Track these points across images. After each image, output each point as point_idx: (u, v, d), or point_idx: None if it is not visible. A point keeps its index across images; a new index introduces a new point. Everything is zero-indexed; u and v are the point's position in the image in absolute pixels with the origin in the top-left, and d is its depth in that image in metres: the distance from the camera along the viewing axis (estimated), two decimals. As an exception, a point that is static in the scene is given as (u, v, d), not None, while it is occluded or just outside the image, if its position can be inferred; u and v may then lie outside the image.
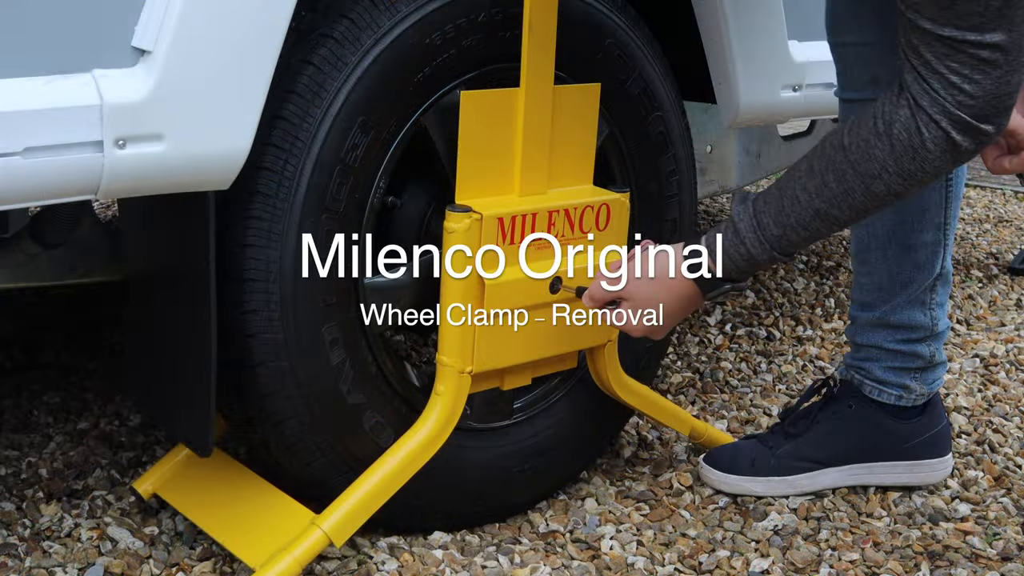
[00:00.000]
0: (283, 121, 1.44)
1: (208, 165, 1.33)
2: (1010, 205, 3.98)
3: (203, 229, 1.40)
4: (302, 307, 1.48)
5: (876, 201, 1.43)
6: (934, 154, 1.38)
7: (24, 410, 2.06)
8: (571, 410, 1.78)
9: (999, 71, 1.32)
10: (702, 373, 2.33)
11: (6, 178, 1.19)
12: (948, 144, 1.37)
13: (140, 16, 1.26)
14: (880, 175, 1.41)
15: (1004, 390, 2.31)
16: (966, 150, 1.38)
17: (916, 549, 1.70)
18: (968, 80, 1.33)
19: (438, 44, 1.51)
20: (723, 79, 1.87)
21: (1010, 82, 1.33)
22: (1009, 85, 1.34)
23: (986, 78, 1.32)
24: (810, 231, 1.46)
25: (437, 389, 1.56)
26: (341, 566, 1.59)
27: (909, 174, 1.40)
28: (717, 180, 2.64)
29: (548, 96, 1.58)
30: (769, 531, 1.74)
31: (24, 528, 1.68)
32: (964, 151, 1.38)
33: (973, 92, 1.33)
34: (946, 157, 1.38)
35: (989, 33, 1.30)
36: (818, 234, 1.47)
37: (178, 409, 1.54)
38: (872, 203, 1.44)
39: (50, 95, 1.20)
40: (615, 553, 1.67)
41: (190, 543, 1.65)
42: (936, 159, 1.38)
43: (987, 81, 1.33)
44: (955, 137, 1.36)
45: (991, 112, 1.35)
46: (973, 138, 1.36)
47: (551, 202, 1.60)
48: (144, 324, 1.60)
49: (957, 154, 1.38)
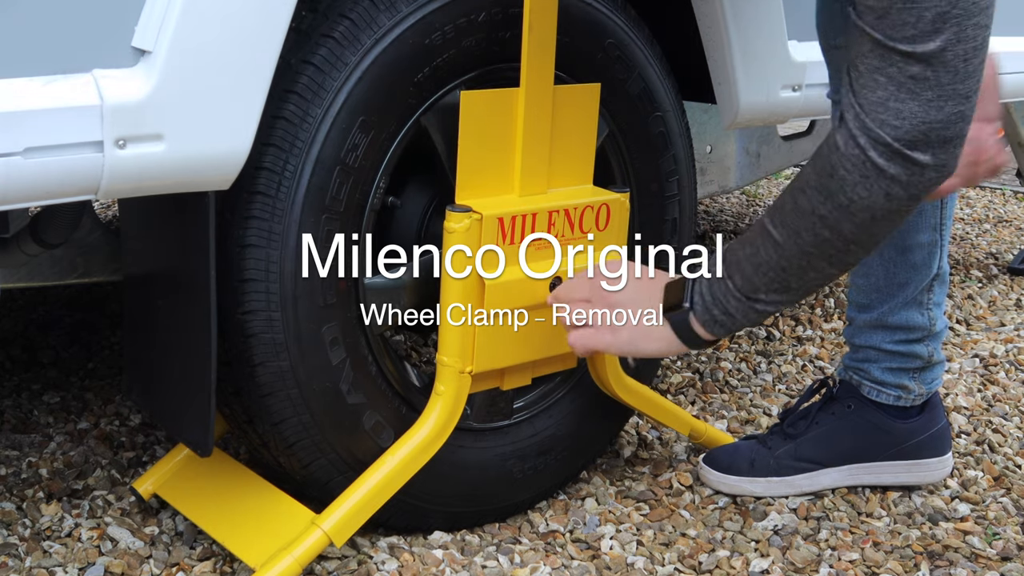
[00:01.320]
0: (283, 121, 1.44)
1: (208, 165, 1.33)
2: (1010, 205, 3.98)
3: (203, 229, 1.40)
4: (302, 307, 1.48)
5: (819, 240, 1.30)
6: (852, 176, 1.25)
7: (24, 410, 2.07)
8: (571, 410, 1.78)
9: (929, 93, 1.20)
10: (702, 373, 2.33)
11: (6, 178, 1.19)
12: (869, 168, 1.24)
13: (140, 16, 1.26)
14: (813, 206, 1.29)
15: (1004, 390, 2.32)
16: (898, 179, 1.24)
17: (916, 549, 1.70)
18: (895, 97, 1.21)
19: (438, 44, 1.51)
20: (723, 79, 1.87)
21: (942, 109, 1.21)
22: (941, 112, 1.21)
23: (913, 99, 1.21)
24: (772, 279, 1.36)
25: (437, 389, 1.56)
26: (341, 566, 1.59)
27: (832, 196, 1.27)
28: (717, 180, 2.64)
29: (548, 96, 1.58)
30: (769, 531, 1.74)
31: (24, 528, 1.68)
32: (896, 180, 1.24)
33: (899, 111, 1.22)
34: (871, 184, 1.25)
35: (921, 45, 1.19)
36: (784, 283, 1.35)
37: (178, 409, 1.54)
38: (817, 243, 1.30)
39: (50, 95, 1.20)
40: (615, 553, 1.67)
41: (190, 543, 1.65)
42: (856, 183, 1.25)
43: (914, 103, 1.21)
44: (877, 160, 1.23)
45: (921, 140, 1.22)
46: (904, 167, 1.23)
47: (551, 202, 1.60)
48: (144, 324, 1.60)
49: (887, 182, 1.24)
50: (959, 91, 1.21)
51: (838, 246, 1.30)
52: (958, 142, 1.24)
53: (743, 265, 1.37)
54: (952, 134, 1.23)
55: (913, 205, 1.28)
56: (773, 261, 1.35)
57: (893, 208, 1.27)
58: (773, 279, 1.36)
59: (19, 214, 1.66)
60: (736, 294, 1.38)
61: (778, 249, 1.33)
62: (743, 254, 1.38)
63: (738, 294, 1.38)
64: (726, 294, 1.39)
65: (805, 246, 1.32)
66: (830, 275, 1.35)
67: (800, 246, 1.32)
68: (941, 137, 1.22)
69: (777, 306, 1.39)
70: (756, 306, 1.39)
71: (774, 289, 1.37)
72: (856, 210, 1.27)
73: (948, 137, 1.23)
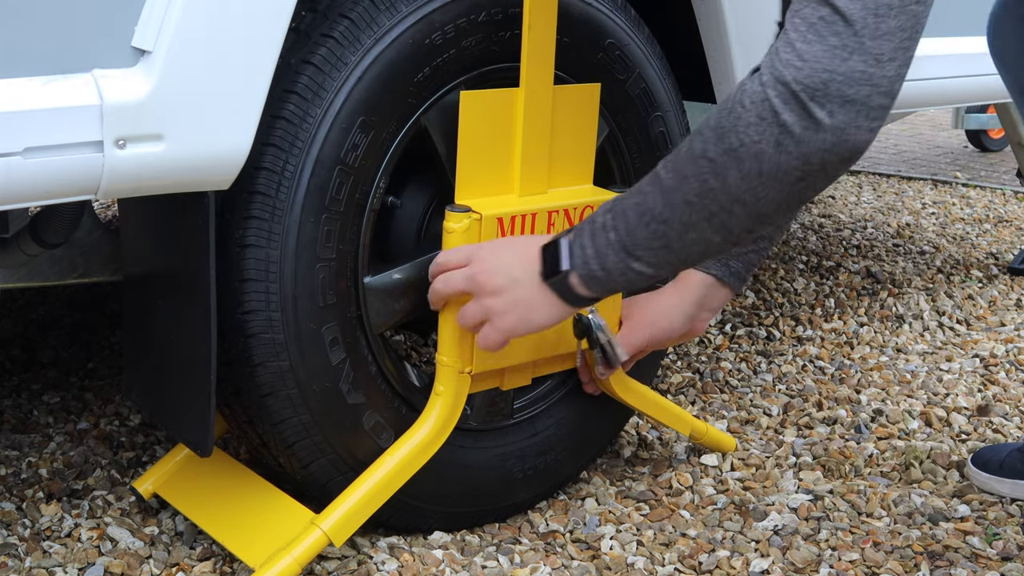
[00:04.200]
0: (283, 121, 1.44)
1: (208, 165, 1.33)
2: (1010, 205, 3.98)
3: (203, 229, 1.40)
4: (302, 307, 1.48)
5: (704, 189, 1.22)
6: (748, 114, 1.17)
7: (24, 410, 2.07)
8: (571, 410, 1.78)
9: (834, 39, 1.14)
10: (702, 373, 2.33)
11: (6, 178, 1.19)
12: (766, 109, 1.16)
13: (140, 16, 1.26)
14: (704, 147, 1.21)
15: (1004, 390, 2.32)
16: (791, 130, 1.16)
17: (916, 549, 1.70)
18: (803, 38, 1.15)
19: (438, 44, 1.51)
20: (723, 79, 1.87)
21: (845, 61, 1.13)
22: (844, 64, 1.14)
23: (819, 42, 1.14)
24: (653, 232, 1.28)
25: (437, 389, 1.56)
26: (341, 566, 1.59)
27: (724, 136, 1.19)
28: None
29: (548, 96, 1.58)
30: (769, 531, 1.74)
31: (24, 528, 1.68)
32: (789, 130, 1.16)
33: (801, 52, 1.14)
34: (764, 128, 1.17)
35: None
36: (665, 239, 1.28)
37: (178, 409, 1.54)
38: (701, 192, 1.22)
39: (50, 95, 1.20)
40: (615, 553, 1.67)
41: (190, 543, 1.65)
42: (750, 124, 1.17)
43: (819, 46, 1.14)
44: (773, 100, 1.16)
45: (820, 90, 1.14)
46: (799, 116, 1.15)
47: (551, 202, 1.60)
48: (144, 324, 1.60)
49: (779, 129, 1.16)
50: (866, 47, 1.14)
51: (721, 200, 1.22)
52: (862, 108, 1.15)
53: (628, 215, 1.30)
54: (854, 95, 1.14)
55: (805, 171, 1.18)
56: (657, 210, 1.27)
57: (782, 165, 1.18)
58: (653, 233, 1.28)
59: (19, 214, 1.66)
60: (615, 246, 1.31)
61: (664, 195, 1.26)
62: (630, 202, 1.30)
63: (618, 246, 1.31)
64: (606, 246, 1.32)
65: (689, 194, 1.23)
66: (710, 242, 1.27)
67: (684, 194, 1.24)
68: (842, 94, 1.14)
69: (655, 269, 1.31)
70: (633, 265, 1.31)
71: (654, 247, 1.28)
72: (744, 155, 1.18)
73: (850, 97, 1.14)
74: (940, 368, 2.42)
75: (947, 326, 2.68)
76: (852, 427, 2.11)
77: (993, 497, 1.86)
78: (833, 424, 2.12)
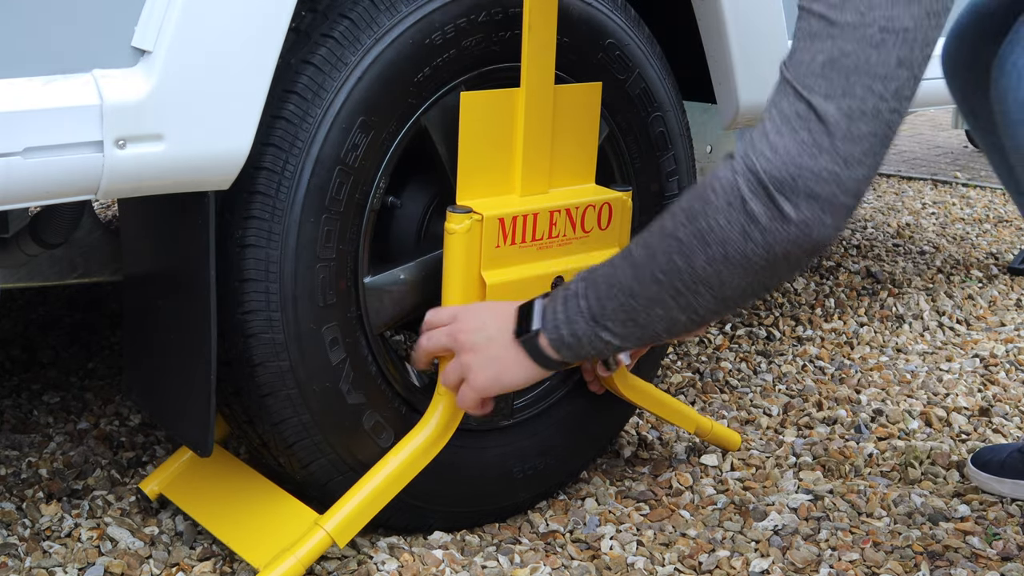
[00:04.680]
0: (283, 121, 1.44)
1: (208, 165, 1.33)
2: (1010, 205, 3.98)
3: (203, 229, 1.40)
4: (302, 307, 1.48)
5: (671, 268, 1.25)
6: (718, 200, 1.20)
7: (24, 410, 2.06)
8: (571, 410, 1.78)
9: (808, 136, 1.16)
10: (702, 373, 2.33)
11: (6, 178, 1.19)
12: (734, 196, 1.19)
13: (140, 16, 1.26)
14: (675, 226, 1.24)
15: (1004, 390, 2.32)
16: (758, 219, 1.18)
17: (916, 549, 1.70)
18: (777, 130, 1.17)
19: (438, 44, 1.51)
20: (723, 79, 1.87)
21: (816, 158, 1.15)
22: (814, 161, 1.15)
23: (793, 136, 1.16)
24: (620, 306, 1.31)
25: (439, 390, 1.56)
26: (341, 566, 1.59)
27: (694, 218, 1.22)
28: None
29: (549, 96, 1.58)
30: (769, 531, 1.74)
31: (24, 528, 1.68)
32: (756, 220, 1.18)
33: (774, 144, 1.17)
34: (732, 214, 1.19)
35: (808, 89, 1.16)
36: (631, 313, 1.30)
37: (178, 409, 1.54)
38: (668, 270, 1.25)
39: (50, 95, 1.20)
40: (615, 553, 1.67)
41: (190, 543, 1.65)
42: (719, 209, 1.20)
43: (791, 141, 1.16)
44: (742, 188, 1.18)
45: (788, 184, 1.16)
46: (766, 207, 1.17)
47: (552, 202, 1.60)
48: (144, 324, 1.60)
49: (746, 217, 1.18)
50: (838, 148, 1.16)
51: (686, 280, 1.24)
52: (827, 207, 1.17)
53: (599, 284, 1.33)
54: (821, 192, 1.16)
55: (769, 261, 1.20)
56: (625, 284, 1.29)
57: (747, 252, 1.20)
58: (621, 305, 1.30)
59: (19, 214, 1.66)
60: (585, 314, 1.34)
61: (634, 270, 1.29)
62: (602, 272, 1.33)
63: (587, 314, 1.33)
64: (576, 314, 1.35)
65: (656, 271, 1.26)
66: (675, 320, 1.29)
67: (652, 270, 1.27)
68: (809, 190, 1.16)
69: (622, 341, 1.33)
70: (602, 335, 1.33)
71: (621, 319, 1.31)
72: (712, 240, 1.21)
73: (816, 193, 1.16)
74: (940, 368, 2.42)
75: (947, 326, 2.68)
76: (852, 427, 2.11)
77: (993, 497, 1.86)
78: (833, 424, 2.12)
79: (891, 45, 1.16)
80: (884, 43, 1.16)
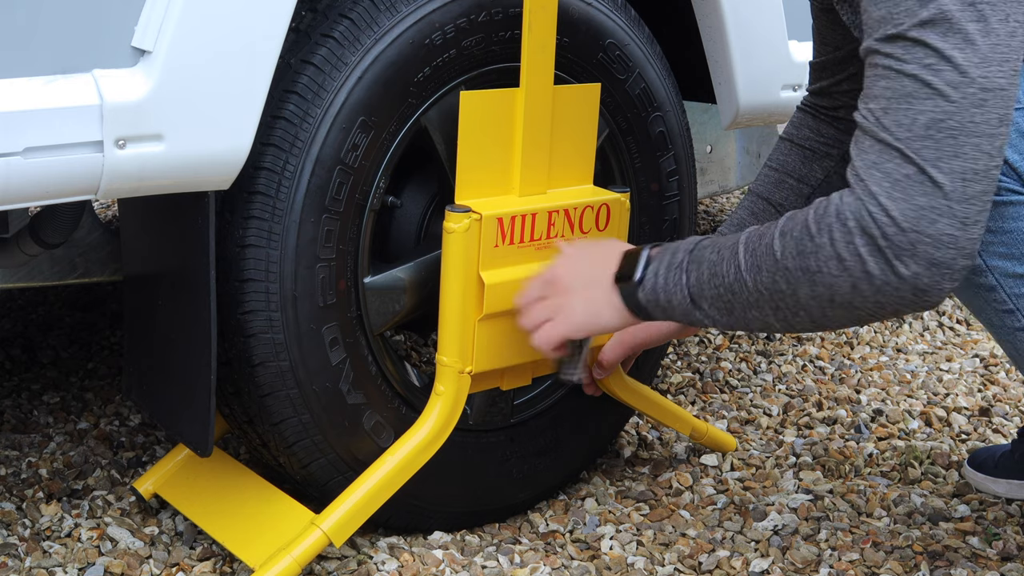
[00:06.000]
0: (283, 121, 1.45)
1: (208, 165, 1.33)
2: (1010, 205, 3.97)
3: (203, 229, 1.40)
4: (302, 307, 1.48)
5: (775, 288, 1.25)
6: (832, 249, 1.19)
7: (24, 410, 2.07)
8: (570, 410, 1.78)
9: (924, 199, 1.15)
10: (702, 373, 2.33)
11: (6, 178, 1.19)
12: (852, 252, 1.18)
13: (140, 16, 1.26)
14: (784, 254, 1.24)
15: (1004, 390, 2.32)
16: (873, 278, 1.18)
17: (916, 549, 1.70)
18: (888, 195, 1.16)
19: (438, 44, 1.51)
20: (723, 79, 1.87)
21: (935, 224, 1.15)
22: (934, 227, 1.15)
23: (907, 201, 1.16)
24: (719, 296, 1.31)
25: (437, 389, 1.56)
26: (341, 566, 1.59)
27: (804, 256, 1.22)
28: (717, 180, 2.64)
29: (548, 96, 1.58)
30: (769, 531, 1.74)
31: (24, 528, 1.68)
32: (870, 278, 1.18)
33: (888, 208, 1.16)
34: (844, 266, 1.19)
35: (916, 152, 1.16)
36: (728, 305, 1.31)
37: (178, 409, 1.54)
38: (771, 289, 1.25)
39: (50, 95, 1.20)
40: (615, 553, 1.67)
41: (190, 543, 1.65)
42: (831, 256, 1.20)
43: (907, 205, 1.16)
44: (861, 250, 1.18)
45: (908, 250, 1.16)
46: (882, 269, 1.17)
47: (551, 202, 1.60)
48: (144, 324, 1.60)
49: (861, 274, 1.18)
50: (955, 211, 1.16)
51: (789, 303, 1.26)
52: (946, 272, 1.17)
53: (703, 268, 1.34)
54: (941, 257, 1.16)
55: (875, 310, 1.21)
56: (728, 281, 1.31)
57: (855, 302, 1.21)
58: (720, 296, 1.31)
59: (19, 214, 1.66)
60: (684, 291, 1.35)
61: (738, 273, 1.30)
62: (709, 256, 1.34)
63: (686, 291, 1.34)
64: (676, 285, 1.36)
65: (760, 285, 1.27)
66: (770, 325, 1.30)
67: (756, 283, 1.27)
68: (929, 256, 1.16)
69: (714, 322, 1.34)
70: (696, 312, 1.35)
71: (717, 307, 1.32)
72: (819, 281, 1.22)
73: (936, 260, 1.16)
74: (940, 368, 2.42)
75: (947, 326, 2.68)
76: (852, 427, 2.11)
77: (993, 497, 1.86)
78: (833, 424, 2.12)
79: (992, 104, 1.16)
80: (986, 102, 1.16)
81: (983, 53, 1.15)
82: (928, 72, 1.16)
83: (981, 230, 1.18)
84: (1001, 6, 1.16)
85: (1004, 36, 1.16)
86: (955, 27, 1.15)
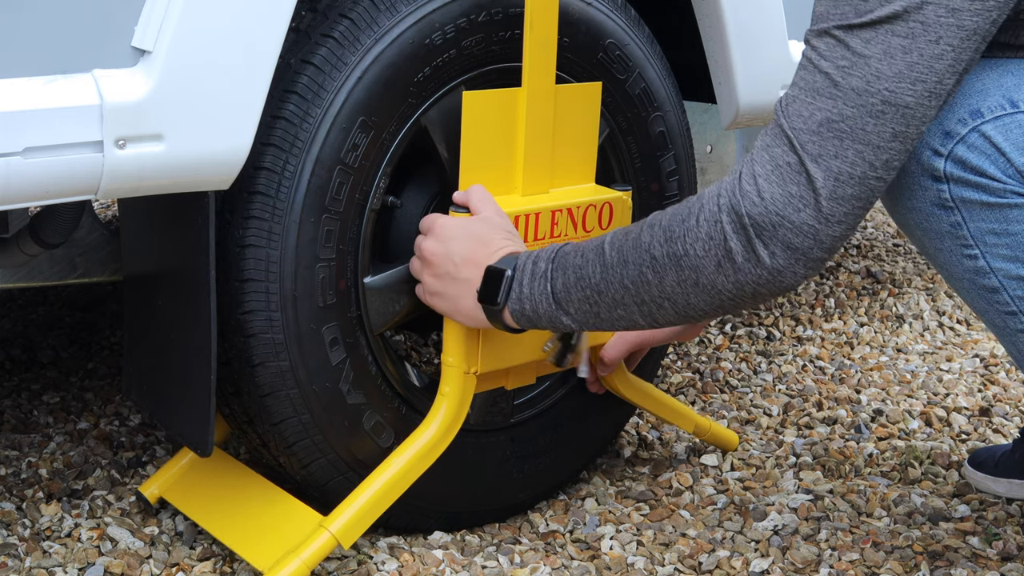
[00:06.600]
0: (283, 121, 1.44)
1: (208, 165, 1.33)
2: (1010, 205, 3.97)
3: (203, 229, 1.40)
4: (302, 307, 1.48)
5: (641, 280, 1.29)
6: (700, 229, 1.24)
7: (24, 410, 2.06)
8: (571, 410, 1.78)
9: (796, 188, 1.20)
10: (702, 373, 2.33)
11: (6, 178, 1.19)
12: (717, 231, 1.23)
13: (140, 16, 1.26)
14: (651, 243, 1.28)
15: (1004, 390, 2.32)
16: (733, 257, 1.22)
17: (916, 549, 1.70)
18: (767, 177, 1.21)
19: (438, 44, 1.51)
20: (723, 79, 1.87)
21: (799, 212, 1.20)
22: (797, 215, 1.20)
23: (780, 187, 1.20)
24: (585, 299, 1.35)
25: (442, 390, 1.56)
26: (341, 566, 1.59)
27: (673, 241, 1.26)
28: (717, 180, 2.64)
29: (550, 95, 1.58)
30: (769, 531, 1.74)
31: (24, 528, 1.68)
32: (731, 257, 1.23)
33: (762, 189, 1.21)
34: (710, 247, 1.23)
35: (802, 144, 1.20)
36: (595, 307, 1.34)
37: (178, 409, 1.54)
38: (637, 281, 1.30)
39: (50, 95, 1.20)
40: (615, 553, 1.67)
41: (190, 543, 1.65)
42: (699, 239, 1.24)
43: (779, 190, 1.20)
44: (726, 226, 1.22)
45: (768, 231, 1.21)
46: (743, 248, 1.22)
47: (553, 201, 1.60)
48: (144, 324, 1.60)
49: (724, 253, 1.23)
50: (821, 206, 1.20)
51: (654, 294, 1.29)
52: (801, 258, 1.22)
53: (568, 272, 1.36)
54: (799, 244, 1.21)
55: (736, 293, 1.25)
56: (595, 281, 1.33)
57: (717, 284, 1.25)
58: (587, 298, 1.35)
59: (19, 214, 1.66)
60: (549, 297, 1.37)
61: (604, 271, 1.32)
62: (572, 261, 1.36)
63: (551, 297, 1.37)
64: (541, 295, 1.38)
65: (626, 278, 1.31)
66: (635, 323, 1.34)
67: (622, 277, 1.31)
68: (788, 240, 1.21)
69: (580, 325, 1.38)
70: (562, 317, 1.38)
71: (583, 309, 1.36)
72: (686, 265, 1.26)
73: (794, 245, 1.21)
74: (940, 368, 2.42)
75: (947, 326, 2.68)
76: (852, 427, 2.11)
77: (993, 497, 1.86)
78: (833, 424, 2.12)
79: (889, 118, 1.19)
80: (883, 115, 1.19)
81: (898, 68, 1.17)
82: (839, 73, 1.19)
83: (846, 229, 1.23)
84: (935, 28, 1.17)
85: (928, 57, 1.17)
86: (881, 37, 1.17)
